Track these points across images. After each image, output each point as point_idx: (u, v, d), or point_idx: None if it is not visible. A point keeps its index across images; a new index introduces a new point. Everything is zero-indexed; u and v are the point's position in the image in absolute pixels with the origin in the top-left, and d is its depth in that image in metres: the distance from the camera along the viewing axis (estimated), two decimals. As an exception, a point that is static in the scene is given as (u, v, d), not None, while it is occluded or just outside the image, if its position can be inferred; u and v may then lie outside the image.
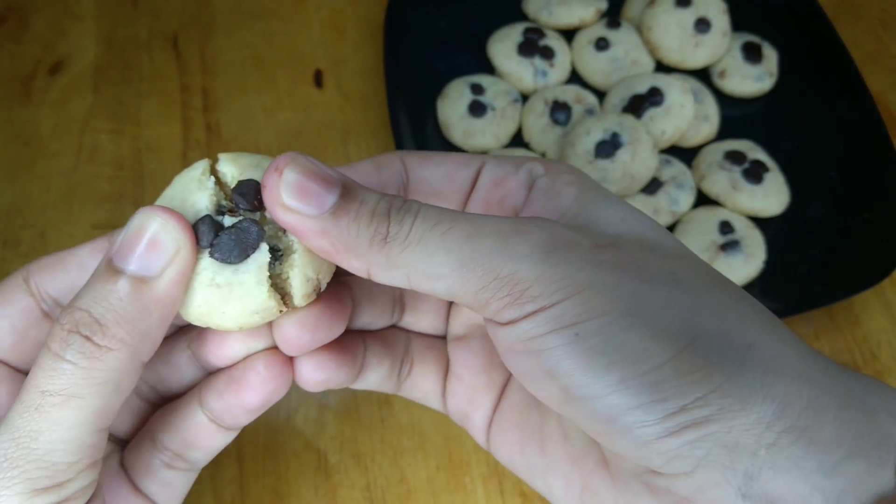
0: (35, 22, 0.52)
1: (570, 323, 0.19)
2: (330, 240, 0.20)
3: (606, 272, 0.19)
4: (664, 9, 0.47)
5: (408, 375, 0.27)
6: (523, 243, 0.20)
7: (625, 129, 0.42)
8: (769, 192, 0.43)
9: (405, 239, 0.20)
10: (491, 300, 0.20)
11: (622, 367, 0.19)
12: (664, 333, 0.19)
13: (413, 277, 0.20)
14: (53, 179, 0.46)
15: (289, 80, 0.50)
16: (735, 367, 0.19)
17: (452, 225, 0.20)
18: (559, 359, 0.19)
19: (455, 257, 0.19)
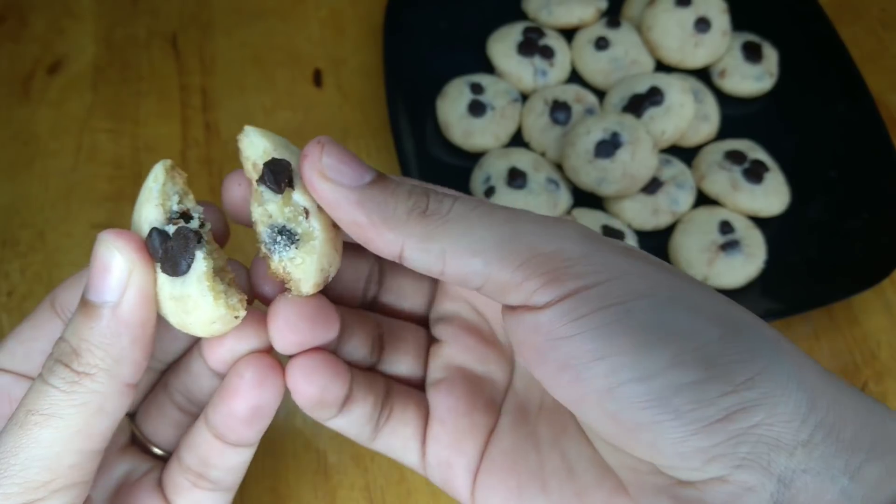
0: (34, 21, 0.52)
1: (618, 301, 0.19)
2: (365, 211, 0.20)
3: (644, 264, 0.20)
4: (664, 8, 0.47)
5: (387, 421, 0.25)
6: (567, 228, 0.20)
7: (625, 128, 0.42)
8: (769, 191, 0.43)
9: (446, 214, 0.20)
10: (529, 277, 0.19)
11: (675, 343, 0.18)
12: (708, 316, 0.19)
13: (450, 252, 0.20)
14: (52, 179, 0.46)
15: (288, 79, 0.50)
16: (772, 354, 0.19)
17: (493, 209, 0.20)
18: (610, 336, 0.18)
19: (496, 233, 0.19)
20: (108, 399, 0.21)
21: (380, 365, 0.26)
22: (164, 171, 0.22)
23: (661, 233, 0.43)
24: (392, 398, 0.25)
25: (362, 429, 0.24)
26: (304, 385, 0.22)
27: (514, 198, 0.42)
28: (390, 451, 0.25)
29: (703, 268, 0.41)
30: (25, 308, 0.42)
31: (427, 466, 0.25)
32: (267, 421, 0.24)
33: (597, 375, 0.19)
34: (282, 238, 0.22)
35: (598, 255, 0.19)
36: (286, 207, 0.22)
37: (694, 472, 0.19)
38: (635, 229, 0.43)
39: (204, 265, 0.21)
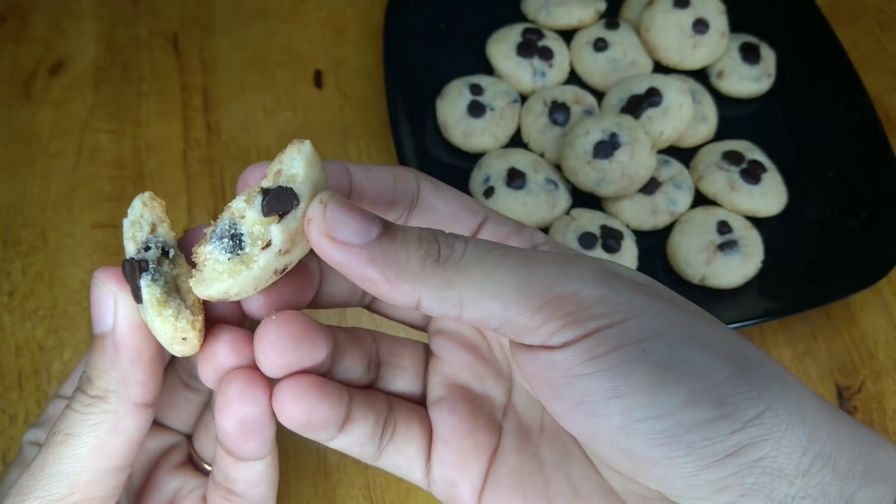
0: (35, 22, 0.53)
1: (636, 340, 0.19)
2: (378, 267, 0.20)
3: (657, 301, 0.20)
4: (662, 9, 0.47)
5: (391, 439, 0.25)
6: (582, 269, 0.20)
7: (623, 129, 0.42)
8: (767, 192, 0.43)
9: (460, 259, 0.20)
10: (548, 320, 0.19)
11: (690, 382, 0.19)
12: (720, 354, 0.20)
13: (467, 297, 0.20)
14: (54, 179, 0.46)
15: (289, 80, 0.50)
16: (778, 390, 0.20)
17: (506, 251, 0.20)
18: (628, 374, 0.19)
19: (515, 276, 0.20)
20: (121, 418, 0.23)
21: (378, 382, 0.26)
22: (140, 204, 0.24)
23: (660, 233, 0.43)
24: (394, 416, 0.25)
25: (364, 448, 0.24)
26: (290, 408, 0.22)
27: (514, 198, 0.42)
28: (394, 469, 0.25)
29: (701, 267, 0.41)
30: (27, 307, 0.42)
31: (432, 483, 0.25)
32: (264, 434, 0.24)
33: (613, 412, 0.19)
34: (228, 241, 0.21)
35: (614, 296, 0.20)
36: (257, 226, 0.21)
37: (702, 502, 0.19)
38: (634, 229, 0.43)
39: (147, 293, 0.22)
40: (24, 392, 0.39)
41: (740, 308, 0.40)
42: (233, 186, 0.46)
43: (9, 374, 0.40)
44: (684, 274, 0.41)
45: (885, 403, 0.40)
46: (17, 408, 0.39)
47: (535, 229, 0.25)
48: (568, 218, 0.42)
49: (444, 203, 0.25)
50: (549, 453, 0.24)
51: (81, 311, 0.42)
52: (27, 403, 0.39)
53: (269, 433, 0.24)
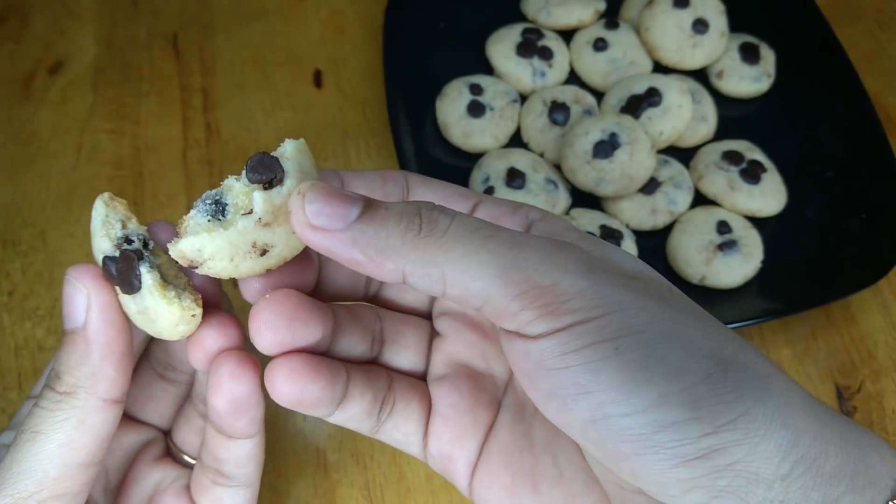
0: (35, 22, 0.53)
1: (610, 337, 0.19)
2: (360, 248, 0.20)
3: (641, 297, 0.20)
4: (662, 9, 0.47)
5: (389, 415, 0.25)
6: (567, 260, 0.20)
7: (623, 129, 0.42)
8: (767, 192, 0.43)
9: (443, 234, 0.20)
10: (525, 308, 0.19)
11: (662, 383, 0.19)
12: (698, 355, 0.19)
13: (449, 275, 0.20)
14: (53, 179, 0.46)
15: (288, 80, 0.50)
16: (759, 394, 0.19)
17: (494, 232, 0.20)
18: (598, 371, 0.19)
19: (498, 260, 0.19)
20: (89, 414, 0.23)
21: (381, 358, 0.26)
22: (102, 204, 0.24)
23: (659, 233, 0.43)
24: (394, 392, 0.25)
25: (362, 423, 0.25)
26: (282, 386, 0.23)
27: (513, 198, 0.42)
28: (392, 442, 0.26)
29: (701, 267, 0.41)
30: (26, 307, 0.42)
31: (428, 456, 0.26)
32: (253, 412, 0.24)
33: (582, 407, 0.19)
34: (212, 206, 0.22)
35: (594, 290, 0.20)
36: (242, 196, 0.22)
37: (674, 499, 0.19)
38: (633, 229, 0.43)
39: (150, 279, 0.23)
40: (23, 392, 0.39)
41: (740, 308, 0.40)
42: (232, 186, 0.46)
43: (8, 373, 0.40)
44: (684, 274, 0.41)
45: (884, 403, 0.40)
46: (17, 408, 0.39)
47: (532, 207, 0.24)
48: (568, 218, 0.42)
49: (433, 191, 0.25)
50: (540, 433, 0.25)
51: (81, 311, 0.42)
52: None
53: (259, 411, 0.24)
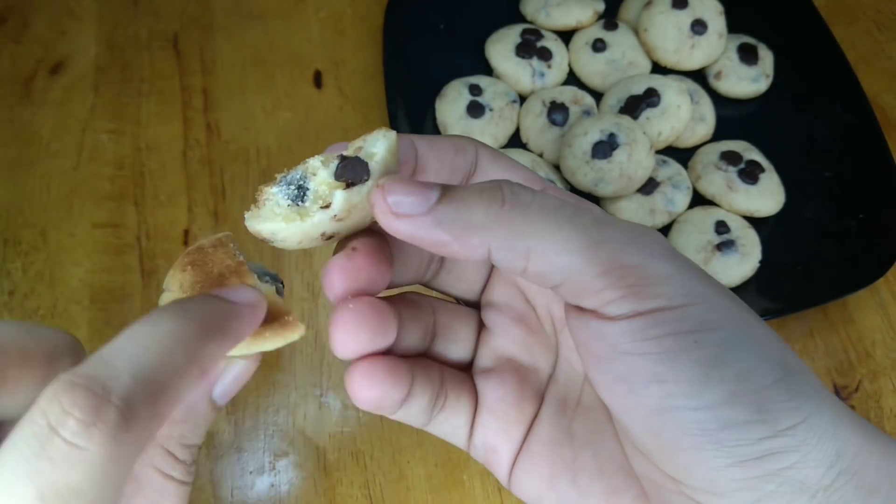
0: (35, 22, 0.53)
1: (690, 329, 0.19)
2: (445, 227, 0.20)
3: (718, 293, 0.20)
4: (661, 10, 0.48)
5: (441, 409, 0.26)
6: (653, 243, 0.20)
7: (621, 129, 0.42)
8: (765, 192, 0.43)
9: (528, 207, 0.20)
10: (608, 287, 0.19)
11: (734, 382, 0.19)
12: (769, 360, 0.20)
13: (535, 250, 0.20)
14: (54, 179, 0.46)
15: (288, 80, 0.50)
16: (817, 403, 0.20)
17: (579, 210, 0.20)
18: (675, 362, 0.19)
19: (584, 235, 0.19)
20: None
21: (432, 349, 0.27)
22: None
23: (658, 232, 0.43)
24: (446, 387, 0.26)
25: (418, 418, 0.25)
26: (366, 391, 0.23)
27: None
28: (440, 434, 0.26)
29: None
30: (27, 307, 0.42)
31: (472, 447, 0.26)
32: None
33: (651, 395, 0.19)
34: (294, 190, 0.22)
35: (679, 277, 0.20)
36: (323, 186, 0.22)
37: (717, 498, 0.20)
38: (632, 229, 0.43)
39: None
40: (24, 391, 0.39)
41: (738, 307, 0.40)
42: (232, 186, 0.46)
43: (9, 373, 0.40)
44: (682, 274, 0.42)
45: (882, 402, 0.40)
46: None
47: (594, 207, 0.24)
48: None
49: (500, 171, 0.24)
50: (581, 428, 0.25)
51: (81, 311, 0.42)
52: (28, 402, 0.39)
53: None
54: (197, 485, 0.37)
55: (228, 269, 0.24)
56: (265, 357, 0.24)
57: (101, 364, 0.18)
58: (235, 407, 0.39)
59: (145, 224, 0.45)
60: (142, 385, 0.18)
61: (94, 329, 0.41)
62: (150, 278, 0.43)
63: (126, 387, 0.18)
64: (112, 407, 0.18)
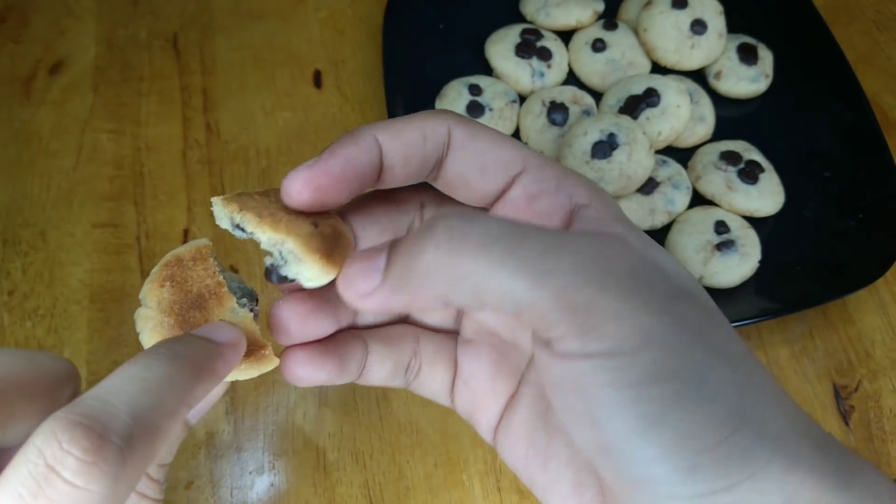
0: (35, 22, 0.53)
1: (634, 380, 0.18)
2: (401, 290, 0.20)
3: (679, 332, 0.18)
4: (660, 10, 0.48)
5: (416, 376, 0.26)
6: (607, 270, 0.18)
7: (621, 129, 0.42)
8: (764, 192, 0.43)
9: (465, 242, 0.18)
10: (556, 325, 0.18)
11: (674, 441, 0.18)
12: (718, 415, 0.18)
13: (481, 288, 0.18)
14: (54, 178, 0.46)
15: (288, 80, 0.50)
16: (765, 459, 0.19)
17: (523, 238, 0.18)
18: (613, 414, 0.18)
19: (528, 272, 0.18)
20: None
21: (412, 316, 0.27)
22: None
23: (658, 232, 0.43)
24: (419, 356, 0.26)
25: (390, 383, 0.26)
26: (295, 372, 0.24)
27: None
28: (423, 396, 0.27)
29: (699, 267, 0.41)
30: (26, 306, 0.42)
31: (456, 409, 0.27)
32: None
33: (590, 436, 0.19)
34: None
35: (631, 317, 0.18)
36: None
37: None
38: (632, 229, 0.43)
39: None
40: (23, 391, 0.39)
41: (738, 307, 0.40)
42: (232, 186, 0.46)
43: (9, 373, 0.40)
44: (682, 273, 0.42)
45: (881, 402, 0.40)
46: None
47: (579, 182, 0.22)
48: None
49: (473, 156, 0.23)
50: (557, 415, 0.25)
51: (81, 311, 0.42)
52: (27, 402, 0.39)
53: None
54: (196, 485, 0.37)
55: (208, 289, 0.24)
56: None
57: (100, 404, 0.19)
58: (235, 407, 0.39)
59: (145, 224, 0.45)
60: (139, 424, 0.19)
61: (94, 329, 0.41)
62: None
63: (126, 426, 0.18)
64: (113, 446, 0.18)
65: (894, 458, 0.38)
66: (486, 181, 0.23)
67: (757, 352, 0.41)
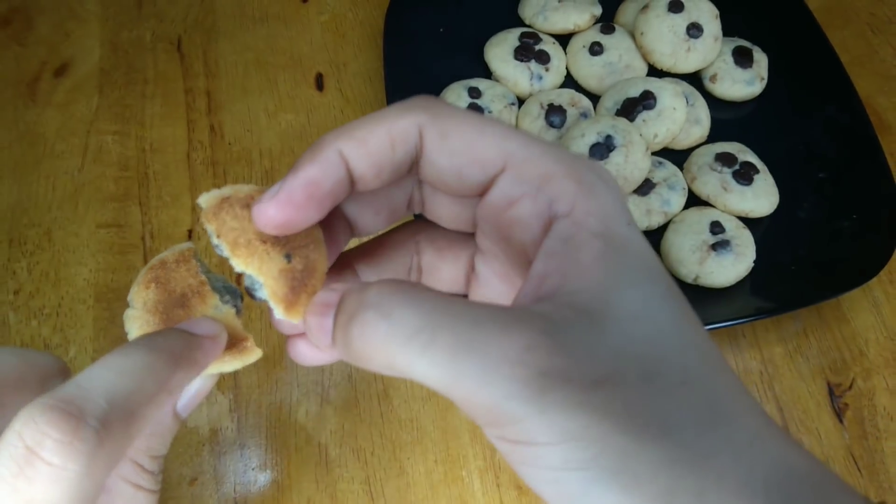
0: (40, 24, 0.53)
1: (552, 467, 0.18)
2: (348, 359, 0.20)
3: (597, 419, 0.18)
4: (657, 14, 0.48)
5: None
6: (512, 378, 0.17)
7: (618, 131, 0.43)
8: (759, 193, 0.44)
9: (384, 338, 0.18)
10: (476, 417, 0.18)
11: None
12: (638, 498, 0.18)
13: (411, 376, 0.18)
14: (59, 179, 0.47)
15: (290, 83, 0.51)
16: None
17: (434, 336, 0.18)
18: (536, 488, 0.18)
19: (440, 373, 0.18)
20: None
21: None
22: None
23: (654, 233, 0.44)
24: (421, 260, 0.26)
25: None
26: (302, 354, 0.24)
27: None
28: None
29: (695, 267, 0.42)
30: (32, 306, 0.42)
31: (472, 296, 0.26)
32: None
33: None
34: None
35: (542, 418, 0.17)
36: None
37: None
38: (629, 229, 0.44)
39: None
40: (30, 388, 0.40)
41: (733, 307, 0.41)
42: (235, 187, 0.47)
43: (15, 370, 0.40)
44: (678, 273, 0.42)
45: (875, 401, 0.40)
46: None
47: (566, 180, 0.20)
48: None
49: (447, 158, 0.21)
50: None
51: (86, 310, 0.42)
52: (34, 399, 0.40)
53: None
54: (200, 481, 0.38)
55: (191, 288, 0.25)
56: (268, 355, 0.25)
57: (75, 388, 0.20)
58: (238, 404, 0.40)
59: (150, 224, 0.45)
60: (115, 408, 0.20)
61: (99, 328, 0.42)
62: (153, 278, 0.43)
63: (101, 409, 0.19)
64: (88, 427, 0.19)
65: (888, 455, 0.39)
66: (464, 184, 0.21)
67: (752, 350, 0.42)
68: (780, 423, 0.40)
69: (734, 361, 0.42)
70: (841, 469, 0.38)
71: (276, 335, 0.41)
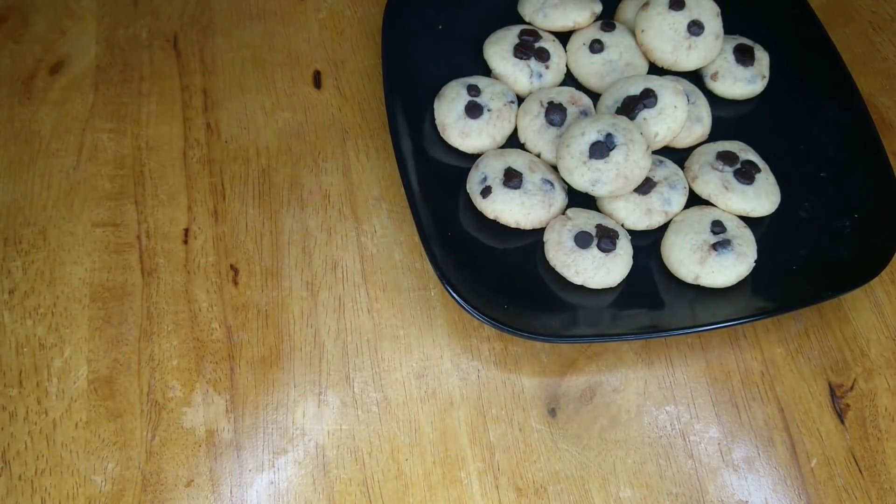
0: (35, 21, 0.53)
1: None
2: None
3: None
4: (658, 11, 0.48)
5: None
6: None
7: (619, 130, 0.43)
8: (760, 192, 0.44)
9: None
10: None
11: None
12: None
13: None
14: (54, 178, 0.46)
15: (288, 80, 0.51)
16: None
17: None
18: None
19: None
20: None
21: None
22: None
23: (654, 232, 0.44)
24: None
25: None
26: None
27: (510, 198, 0.43)
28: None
29: (695, 266, 0.41)
30: (27, 305, 0.42)
31: None
32: None
33: None
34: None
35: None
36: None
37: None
38: (628, 229, 0.43)
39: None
40: (24, 389, 0.40)
41: (733, 306, 0.41)
42: (232, 185, 0.46)
43: (9, 371, 0.40)
44: (678, 273, 0.42)
45: (877, 401, 0.40)
46: (17, 405, 0.39)
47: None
48: (564, 217, 0.43)
49: None
50: None
51: (82, 309, 0.42)
52: (27, 400, 0.39)
53: None
54: (196, 483, 0.37)
55: None
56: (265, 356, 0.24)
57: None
58: (235, 405, 0.39)
59: (145, 223, 0.45)
60: None
61: (94, 327, 0.41)
62: (150, 277, 0.43)
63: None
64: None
65: (889, 456, 0.39)
66: None
67: (753, 350, 0.42)
68: (782, 423, 0.40)
69: (735, 362, 0.41)
70: (842, 470, 0.38)
71: (273, 335, 0.41)
